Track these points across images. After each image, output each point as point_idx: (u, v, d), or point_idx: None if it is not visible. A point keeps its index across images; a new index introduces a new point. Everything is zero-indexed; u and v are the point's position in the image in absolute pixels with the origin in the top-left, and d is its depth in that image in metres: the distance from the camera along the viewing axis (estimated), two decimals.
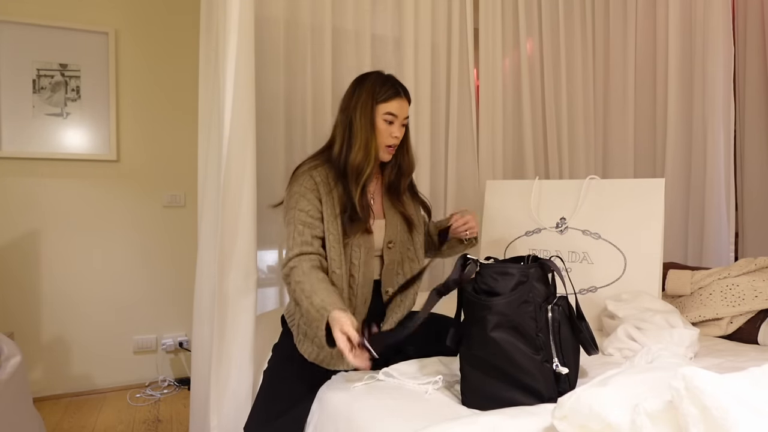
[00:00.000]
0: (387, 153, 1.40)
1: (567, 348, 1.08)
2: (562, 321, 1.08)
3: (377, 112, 1.36)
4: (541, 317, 1.05)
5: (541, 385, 1.02)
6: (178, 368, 2.71)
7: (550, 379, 1.03)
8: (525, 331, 1.03)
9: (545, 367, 1.03)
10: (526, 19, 2.58)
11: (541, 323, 1.05)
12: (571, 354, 1.10)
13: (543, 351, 1.04)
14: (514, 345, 1.02)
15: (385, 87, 1.37)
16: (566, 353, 1.08)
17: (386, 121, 1.36)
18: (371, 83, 1.38)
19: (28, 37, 2.42)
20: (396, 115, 1.37)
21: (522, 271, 1.06)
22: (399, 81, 1.42)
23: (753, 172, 2.61)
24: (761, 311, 1.60)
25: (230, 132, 1.34)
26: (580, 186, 1.82)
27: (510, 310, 1.03)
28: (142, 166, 2.63)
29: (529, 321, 1.04)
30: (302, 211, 1.30)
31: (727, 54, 2.39)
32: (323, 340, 1.13)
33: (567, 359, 1.07)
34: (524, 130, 2.59)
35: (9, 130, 2.40)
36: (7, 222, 2.41)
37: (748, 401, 0.60)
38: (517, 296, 1.04)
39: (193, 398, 1.64)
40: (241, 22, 1.35)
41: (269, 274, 2.20)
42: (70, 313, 2.51)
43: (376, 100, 1.36)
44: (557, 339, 1.06)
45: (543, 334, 1.05)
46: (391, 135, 1.38)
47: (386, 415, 1.02)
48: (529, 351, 1.03)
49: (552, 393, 1.02)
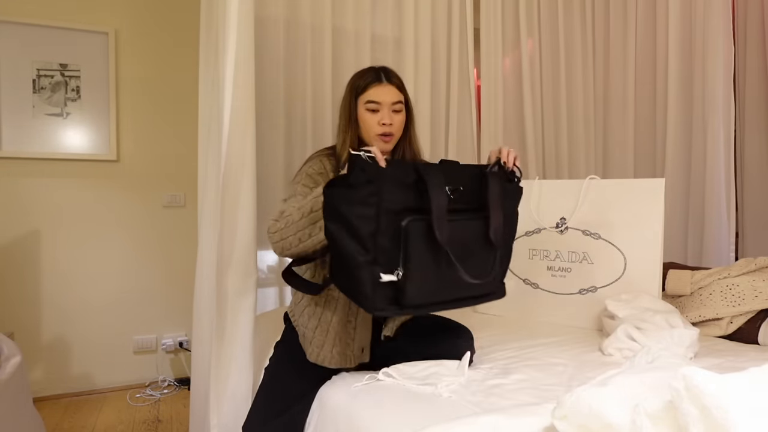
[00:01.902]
0: (381, 142, 1.34)
1: (424, 263, 1.02)
2: (420, 236, 1.00)
3: (360, 104, 1.34)
4: (388, 223, 0.98)
5: (364, 284, 0.99)
6: (178, 368, 2.71)
7: (374, 281, 0.98)
8: (356, 230, 0.99)
9: (371, 269, 0.99)
10: (526, 18, 2.58)
11: (387, 229, 0.98)
12: (432, 271, 1.03)
13: (376, 254, 0.99)
14: (340, 238, 1.02)
15: (365, 77, 1.35)
16: (418, 267, 1.01)
17: (370, 110, 1.33)
18: (353, 78, 1.38)
19: (28, 37, 2.42)
20: (378, 101, 1.32)
21: (379, 171, 0.99)
22: (386, 68, 1.38)
23: (753, 172, 2.61)
24: (761, 311, 1.60)
25: (230, 132, 1.34)
26: (580, 186, 1.82)
27: (341, 205, 1.02)
28: (142, 166, 2.63)
29: (362, 221, 0.99)
30: (306, 186, 1.28)
31: (727, 54, 2.39)
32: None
33: (415, 273, 1.00)
34: (524, 130, 2.59)
35: (9, 130, 2.40)
36: (7, 222, 2.41)
37: (748, 401, 0.60)
38: (358, 196, 1.00)
39: (193, 398, 1.64)
40: (241, 21, 1.35)
41: (269, 274, 2.20)
42: (70, 313, 2.51)
43: (356, 92, 1.35)
44: (404, 250, 0.99)
45: (385, 240, 0.99)
46: (379, 123, 1.33)
47: (386, 415, 1.02)
48: (355, 249, 1.00)
49: (373, 294, 0.99)
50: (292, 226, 1.16)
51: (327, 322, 1.29)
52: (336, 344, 1.28)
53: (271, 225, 1.20)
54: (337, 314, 1.29)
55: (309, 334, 1.30)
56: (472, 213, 1.10)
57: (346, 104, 1.36)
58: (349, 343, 1.29)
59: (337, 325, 1.29)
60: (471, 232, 1.09)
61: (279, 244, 1.19)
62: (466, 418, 0.93)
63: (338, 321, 1.29)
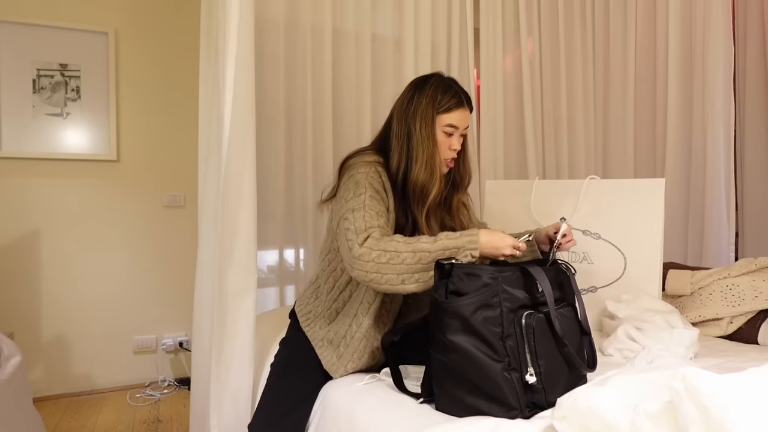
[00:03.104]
0: (445, 167, 1.28)
1: (550, 358, 1.00)
2: (542, 330, 0.99)
3: (437, 124, 1.24)
4: (510, 323, 0.97)
5: (505, 393, 0.94)
6: (178, 368, 2.71)
7: (513, 387, 0.95)
8: (485, 337, 0.96)
9: (509, 375, 0.95)
10: (526, 18, 2.58)
11: (510, 329, 0.97)
12: (557, 365, 1.01)
13: (509, 358, 0.96)
14: (474, 350, 0.96)
15: (448, 95, 1.25)
16: (548, 363, 0.98)
17: (445, 133, 1.25)
18: (432, 89, 1.25)
19: (28, 37, 2.42)
20: (457, 126, 1.25)
21: (491, 273, 0.99)
22: (462, 87, 1.30)
23: (753, 172, 2.61)
24: (761, 311, 1.60)
25: (230, 132, 1.34)
26: (580, 186, 1.82)
27: (468, 313, 0.96)
28: (142, 166, 2.63)
29: (490, 326, 0.96)
30: (373, 199, 1.16)
31: (727, 54, 2.39)
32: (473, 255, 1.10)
33: (547, 369, 0.98)
34: (524, 130, 2.59)
35: (9, 130, 2.40)
36: (7, 222, 2.41)
37: (748, 401, 0.60)
38: (478, 299, 0.97)
39: (193, 398, 1.64)
40: (241, 22, 1.34)
41: (269, 274, 2.20)
42: (70, 313, 2.51)
43: (437, 109, 1.24)
44: (532, 347, 0.97)
45: (513, 341, 0.97)
46: (450, 148, 1.26)
47: (387, 415, 1.02)
48: (490, 357, 0.95)
49: (518, 402, 0.95)
50: (400, 266, 1.08)
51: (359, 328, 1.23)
52: (364, 354, 1.24)
53: (363, 252, 1.08)
54: (369, 318, 1.23)
55: (335, 340, 1.24)
56: (557, 303, 1.09)
57: (428, 120, 1.23)
58: (373, 351, 1.26)
59: (360, 343, 1.23)
60: (568, 322, 1.08)
61: (371, 276, 1.09)
62: (466, 419, 0.93)
63: (369, 325, 1.23)
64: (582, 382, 1.07)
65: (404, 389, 1.11)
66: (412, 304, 1.38)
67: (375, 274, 1.08)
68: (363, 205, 1.14)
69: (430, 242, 1.09)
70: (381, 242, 1.09)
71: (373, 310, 1.22)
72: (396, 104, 1.31)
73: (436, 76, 1.30)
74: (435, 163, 1.23)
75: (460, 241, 1.09)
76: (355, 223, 1.12)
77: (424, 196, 1.22)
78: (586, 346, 1.11)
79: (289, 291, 2.23)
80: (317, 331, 1.30)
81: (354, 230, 1.11)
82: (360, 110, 2.25)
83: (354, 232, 1.11)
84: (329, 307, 1.30)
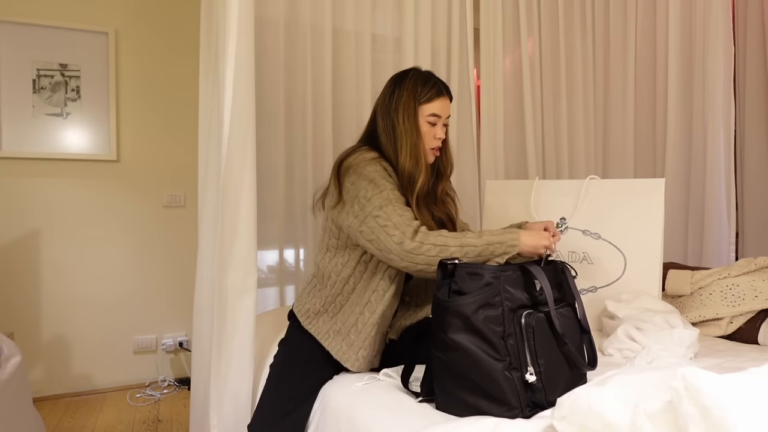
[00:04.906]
0: (431, 156, 1.33)
1: (550, 357, 1.00)
2: (541, 330, 1.00)
3: (420, 114, 1.29)
4: (511, 322, 0.99)
5: (506, 392, 0.95)
6: (178, 368, 2.71)
7: (514, 386, 0.96)
8: (487, 336, 0.97)
9: (510, 375, 0.96)
10: (526, 18, 2.58)
11: (511, 329, 0.98)
12: (557, 364, 1.02)
13: (510, 357, 0.97)
14: (475, 349, 0.97)
15: (427, 86, 1.30)
16: (548, 363, 0.99)
17: (429, 122, 1.30)
18: (412, 82, 1.30)
19: (28, 37, 2.42)
20: (439, 115, 1.31)
21: (493, 272, 1.01)
22: (440, 78, 1.35)
23: (753, 172, 2.61)
24: (761, 311, 1.60)
25: (230, 132, 1.34)
26: (580, 186, 1.82)
27: (469, 312, 0.98)
28: (142, 166, 2.63)
29: (492, 325, 0.97)
30: (395, 191, 1.21)
31: (727, 54, 2.40)
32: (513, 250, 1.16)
33: (547, 369, 0.99)
34: (524, 130, 2.59)
35: (9, 130, 2.40)
36: (7, 222, 2.41)
37: (748, 401, 0.60)
38: (480, 298, 0.98)
39: (193, 398, 1.64)
40: (241, 22, 1.34)
41: (269, 274, 2.20)
42: (70, 313, 2.51)
43: (418, 100, 1.29)
44: (532, 347, 0.98)
45: (513, 341, 0.98)
46: (435, 137, 1.31)
47: (388, 415, 1.02)
48: (491, 357, 0.96)
49: (518, 402, 0.95)
50: (450, 252, 1.13)
51: (372, 314, 1.25)
52: (375, 340, 1.26)
53: (415, 246, 1.12)
54: (383, 305, 1.25)
55: (344, 330, 1.26)
56: (556, 303, 1.10)
57: (410, 112, 1.28)
58: (382, 337, 1.29)
59: (372, 329, 1.25)
60: (568, 321, 1.08)
61: (420, 266, 1.14)
62: (466, 419, 0.93)
63: (382, 312, 1.25)
64: (582, 382, 1.07)
65: (407, 386, 1.12)
66: (410, 302, 1.38)
67: (425, 265, 1.13)
68: (389, 200, 1.18)
69: (476, 237, 1.16)
70: (430, 236, 1.14)
71: (388, 297, 1.25)
72: (378, 101, 1.36)
73: (414, 70, 1.35)
74: (419, 153, 1.28)
75: (502, 237, 1.17)
76: (391, 219, 1.15)
77: (411, 185, 1.26)
78: (586, 344, 1.12)
79: (289, 291, 2.23)
80: (321, 325, 1.31)
81: (393, 225, 1.15)
82: (360, 110, 2.25)
83: (394, 227, 1.14)
84: (333, 300, 1.31)
